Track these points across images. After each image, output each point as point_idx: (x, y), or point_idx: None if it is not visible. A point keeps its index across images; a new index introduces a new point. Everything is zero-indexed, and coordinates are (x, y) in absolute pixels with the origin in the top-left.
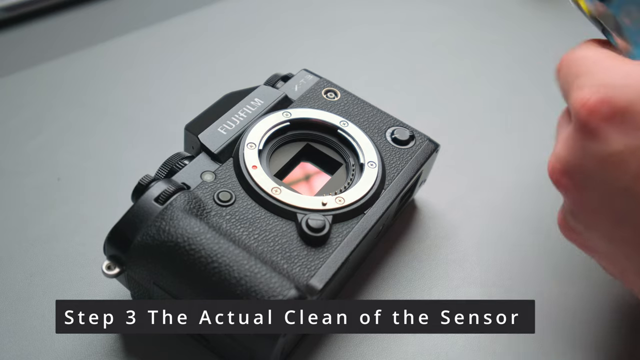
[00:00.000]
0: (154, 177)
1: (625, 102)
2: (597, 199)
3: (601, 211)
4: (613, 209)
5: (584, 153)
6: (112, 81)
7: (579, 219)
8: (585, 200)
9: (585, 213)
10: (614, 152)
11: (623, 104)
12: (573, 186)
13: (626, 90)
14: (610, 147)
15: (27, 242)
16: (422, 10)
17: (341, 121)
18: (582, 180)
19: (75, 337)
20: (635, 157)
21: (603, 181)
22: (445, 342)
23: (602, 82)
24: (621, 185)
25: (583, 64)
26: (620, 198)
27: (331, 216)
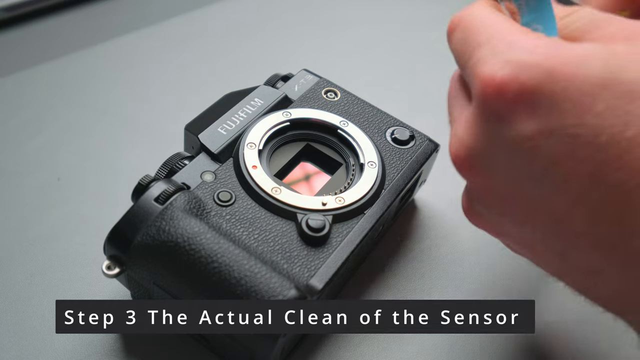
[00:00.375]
0: (154, 177)
1: (534, 81)
2: (507, 185)
3: (512, 198)
4: (525, 196)
5: (490, 137)
6: (112, 81)
7: (487, 205)
8: (494, 187)
9: (494, 200)
10: (524, 137)
11: (532, 83)
12: (479, 173)
13: (534, 70)
14: (520, 132)
15: (27, 242)
16: (422, 10)
17: (341, 121)
18: (490, 167)
19: (75, 337)
20: (545, 142)
21: (513, 168)
22: (445, 342)
23: (507, 58)
24: (533, 171)
25: (482, 30)
26: (532, 185)
27: (331, 216)
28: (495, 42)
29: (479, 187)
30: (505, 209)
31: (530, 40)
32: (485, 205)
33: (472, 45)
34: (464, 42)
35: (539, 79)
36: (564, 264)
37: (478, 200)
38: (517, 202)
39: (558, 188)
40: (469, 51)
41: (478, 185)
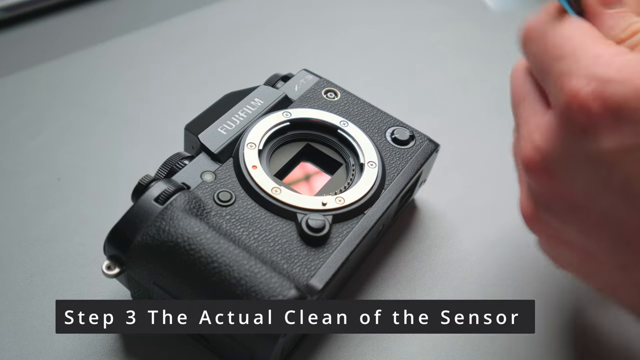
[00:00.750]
0: (154, 177)
1: (619, 98)
2: (581, 195)
3: (584, 207)
4: (598, 207)
5: (571, 148)
6: (112, 81)
7: (555, 211)
8: (567, 195)
9: (564, 207)
10: (605, 151)
11: (617, 100)
12: (554, 179)
13: (620, 87)
14: (601, 146)
15: (27, 242)
16: (422, 10)
17: (341, 121)
18: (566, 175)
19: (75, 337)
20: (628, 157)
21: (590, 179)
22: (445, 342)
23: (593, 74)
24: (611, 185)
25: (564, 42)
26: (607, 197)
27: (331, 216)
28: (579, 55)
29: (549, 193)
30: (575, 216)
31: (615, 55)
32: (552, 211)
33: (554, 55)
34: (544, 52)
35: (625, 96)
36: (624, 277)
37: (545, 206)
38: (589, 212)
39: (633, 204)
40: (550, 62)
41: (549, 190)
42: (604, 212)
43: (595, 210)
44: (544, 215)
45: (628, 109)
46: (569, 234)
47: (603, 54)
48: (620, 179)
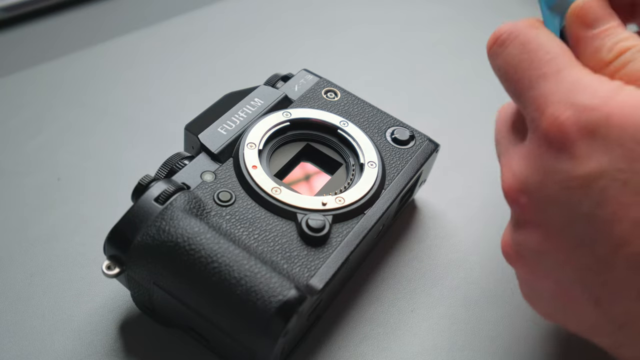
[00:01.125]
0: (154, 177)
1: (592, 125)
2: (556, 221)
3: (559, 235)
4: (573, 234)
5: (546, 173)
6: (112, 81)
7: (532, 241)
8: (543, 222)
9: (541, 236)
10: (577, 176)
11: (590, 126)
12: (532, 206)
13: (594, 113)
14: (574, 170)
15: (27, 242)
16: (422, 10)
17: (341, 121)
18: (541, 201)
19: (75, 337)
20: (598, 183)
21: (563, 204)
22: (445, 342)
23: (572, 100)
24: (581, 210)
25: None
26: (581, 223)
27: (331, 216)
28: (562, 77)
29: (527, 220)
30: (550, 243)
31: (593, 81)
32: (530, 241)
33: (536, 71)
34: (526, 64)
35: (597, 122)
36: (600, 314)
37: (524, 236)
38: (563, 239)
39: (602, 230)
40: (532, 78)
41: (526, 218)
42: (577, 238)
43: (568, 236)
44: (521, 245)
45: (598, 135)
46: (544, 265)
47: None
48: (589, 204)
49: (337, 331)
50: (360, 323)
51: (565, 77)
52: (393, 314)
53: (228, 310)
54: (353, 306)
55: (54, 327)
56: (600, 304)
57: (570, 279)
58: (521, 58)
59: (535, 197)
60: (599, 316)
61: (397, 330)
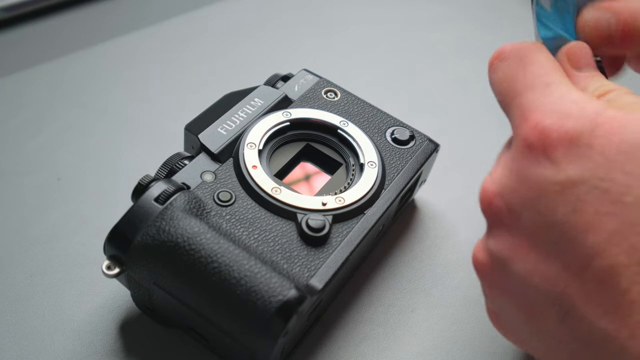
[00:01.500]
0: (154, 177)
1: (576, 131)
2: (530, 227)
3: (530, 241)
4: (544, 241)
5: (526, 175)
6: (112, 81)
7: (502, 248)
8: (515, 228)
9: (512, 242)
10: (555, 181)
11: (573, 132)
12: (505, 210)
13: (580, 121)
14: (552, 175)
15: (27, 242)
16: (422, 10)
17: (341, 121)
18: (517, 204)
19: (75, 337)
20: (575, 189)
21: (540, 208)
22: (445, 342)
23: (558, 108)
24: (558, 216)
25: (538, 73)
26: (554, 230)
27: (331, 216)
28: (551, 90)
29: (499, 227)
30: (521, 251)
31: (581, 96)
32: (500, 246)
33: (526, 82)
34: (519, 76)
35: (581, 130)
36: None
37: (494, 242)
38: (533, 246)
39: (575, 239)
40: (521, 88)
41: (499, 224)
42: (548, 246)
43: (540, 243)
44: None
45: (581, 142)
46: (513, 275)
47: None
48: (563, 210)
49: (337, 331)
50: (360, 323)
51: (554, 90)
52: (393, 314)
53: (228, 310)
54: (353, 306)
55: (54, 327)
56: (565, 320)
57: (538, 291)
58: (516, 71)
59: (509, 201)
60: (565, 334)
61: (397, 330)
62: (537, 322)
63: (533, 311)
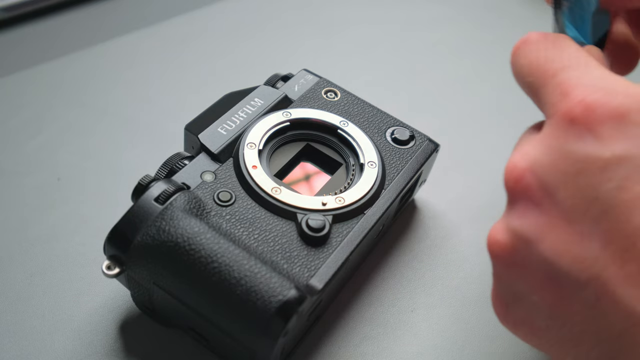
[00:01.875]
0: (154, 177)
1: (625, 108)
2: (567, 204)
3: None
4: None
5: (566, 152)
6: (112, 81)
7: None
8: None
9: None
10: (599, 157)
11: (623, 109)
12: (538, 185)
13: (628, 98)
14: (596, 152)
15: (27, 242)
16: (422, 10)
17: (341, 121)
18: (554, 180)
19: (75, 337)
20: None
21: (579, 186)
22: (445, 342)
23: (602, 85)
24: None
25: (576, 55)
26: (595, 207)
27: (331, 216)
28: (590, 69)
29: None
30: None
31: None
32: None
33: (561, 62)
34: (549, 59)
35: (629, 107)
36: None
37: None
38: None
39: (620, 217)
40: (558, 67)
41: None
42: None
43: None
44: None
45: (630, 119)
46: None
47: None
48: (611, 187)
49: (337, 331)
50: (360, 323)
51: (595, 70)
52: (393, 314)
53: (228, 310)
54: (353, 306)
55: (54, 327)
56: (597, 305)
57: (567, 273)
58: (552, 52)
59: (543, 176)
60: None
61: (397, 330)
62: (560, 309)
63: (557, 296)
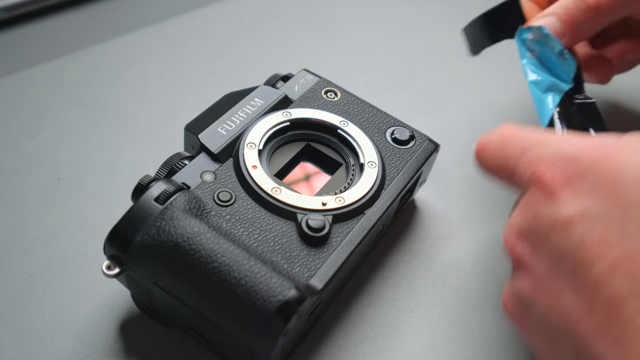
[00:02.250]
0: (154, 177)
1: (583, 168)
2: (546, 264)
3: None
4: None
5: (538, 216)
6: (112, 81)
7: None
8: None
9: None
10: (564, 216)
11: (581, 170)
12: (526, 250)
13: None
14: (561, 211)
15: (27, 242)
16: (422, 10)
17: (341, 121)
18: (536, 244)
19: (75, 337)
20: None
21: (553, 246)
22: (445, 342)
23: (557, 154)
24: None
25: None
26: (566, 264)
27: (331, 216)
28: (543, 144)
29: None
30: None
31: (577, 138)
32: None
33: (516, 152)
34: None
35: (587, 166)
36: None
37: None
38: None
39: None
40: (514, 158)
41: (522, 264)
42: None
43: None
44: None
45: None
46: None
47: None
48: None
49: (337, 331)
50: (360, 323)
51: (547, 143)
52: (393, 314)
53: (228, 310)
54: (353, 306)
55: (54, 327)
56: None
57: (556, 329)
58: (506, 146)
59: (529, 241)
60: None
61: (397, 330)
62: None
63: (554, 348)
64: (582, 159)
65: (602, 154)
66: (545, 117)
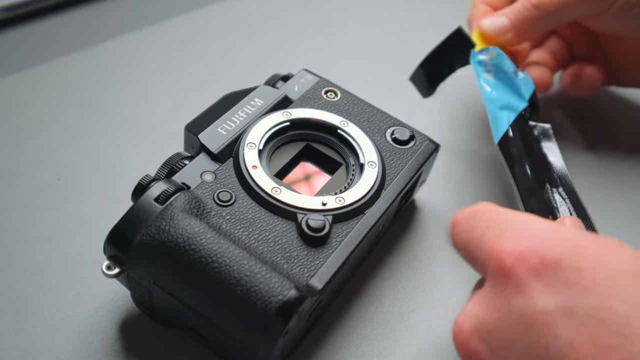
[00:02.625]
0: (154, 177)
1: (558, 255)
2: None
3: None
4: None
5: (505, 309)
6: (112, 81)
7: None
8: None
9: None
10: (541, 312)
11: (556, 257)
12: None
13: (558, 244)
14: (536, 305)
15: (27, 242)
16: (422, 10)
17: (341, 121)
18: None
19: (75, 337)
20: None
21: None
22: (445, 342)
23: (529, 234)
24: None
25: (493, 216)
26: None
27: (331, 216)
28: (513, 223)
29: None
30: None
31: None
32: None
33: (482, 227)
34: (472, 228)
35: (564, 253)
36: None
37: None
38: None
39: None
40: (480, 233)
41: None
42: None
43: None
44: None
45: (566, 266)
46: None
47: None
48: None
49: (337, 331)
50: (360, 323)
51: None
52: (393, 314)
53: (228, 310)
54: (353, 306)
55: (54, 327)
56: None
57: None
58: (473, 222)
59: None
60: None
61: (397, 330)
62: None
63: None
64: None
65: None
66: (499, 132)
